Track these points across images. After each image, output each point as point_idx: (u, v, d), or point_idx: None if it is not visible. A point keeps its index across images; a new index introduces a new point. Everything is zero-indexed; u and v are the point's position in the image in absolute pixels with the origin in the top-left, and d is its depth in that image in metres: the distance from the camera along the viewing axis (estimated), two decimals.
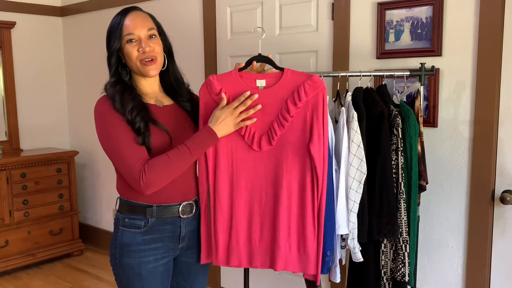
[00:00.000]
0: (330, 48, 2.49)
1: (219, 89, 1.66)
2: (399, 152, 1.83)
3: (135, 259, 1.61)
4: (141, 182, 1.50)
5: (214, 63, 3.01)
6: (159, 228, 1.63)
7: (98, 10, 3.76)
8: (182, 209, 1.66)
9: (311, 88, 1.63)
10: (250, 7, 2.79)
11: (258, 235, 1.72)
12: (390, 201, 1.82)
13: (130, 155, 1.52)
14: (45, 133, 4.13)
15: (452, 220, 2.18)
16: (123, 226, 1.64)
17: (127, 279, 1.64)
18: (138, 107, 1.55)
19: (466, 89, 2.08)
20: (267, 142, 1.67)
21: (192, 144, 1.55)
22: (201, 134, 1.58)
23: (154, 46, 1.60)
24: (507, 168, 2.04)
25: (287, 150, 1.67)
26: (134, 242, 1.61)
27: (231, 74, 1.69)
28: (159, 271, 1.64)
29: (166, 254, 1.66)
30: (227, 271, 3.17)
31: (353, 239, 1.83)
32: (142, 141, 1.53)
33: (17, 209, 3.56)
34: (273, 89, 1.66)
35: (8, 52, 3.81)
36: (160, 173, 1.51)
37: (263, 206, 1.71)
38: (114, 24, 1.60)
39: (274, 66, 1.71)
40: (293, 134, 1.66)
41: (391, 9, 2.23)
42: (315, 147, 1.64)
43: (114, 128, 1.54)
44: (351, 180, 1.78)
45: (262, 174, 1.70)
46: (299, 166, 1.67)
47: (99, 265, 3.75)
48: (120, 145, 1.53)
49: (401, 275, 1.86)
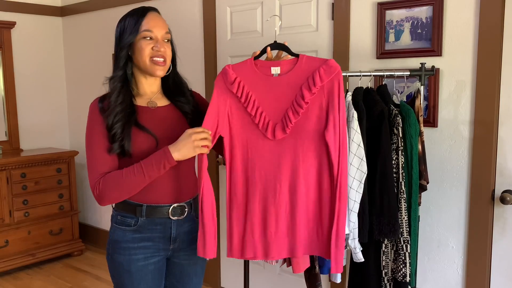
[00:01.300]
0: (330, 48, 2.49)
1: (234, 78, 1.65)
2: (399, 151, 1.83)
3: (125, 256, 1.64)
4: (95, 193, 1.56)
5: (214, 63, 3.01)
6: (149, 228, 1.64)
7: (98, 10, 3.76)
8: (172, 211, 1.65)
9: (326, 73, 1.60)
10: (250, 7, 2.79)
11: (274, 227, 1.68)
12: (391, 200, 1.82)
13: (95, 164, 1.57)
14: (45, 133, 4.14)
15: (452, 220, 2.18)
16: (116, 223, 1.68)
17: (118, 276, 1.68)
18: (124, 112, 1.57)
19: (466, 89, 2.08)
20: (281, 130, 1.64)
21: (146, 164, 1.53)
22: (157, 154, 1.54)
23: (167, 49, 1.63)
24: (507, 168, 2.04)
25: (303, 138, 1.64)
26: (124, 240, 1.64)
27: (246, 63, 1.68)
28: (149, 270, 1.66)
29: (157, 253, 1.67)
30: (227, 271, 3.17)
31: (354, 239, 1.83)
32: (118, 147, 1.55)
33: (17, 209, 3.56)
34: (288, 76, 1.64)
35: (8, 52, 3.81)
36: (112, 189, 1.54)
37: (277, 197, 1.67)
38: (131, 20, 1.61)
39: (289, 52, 1.70)
40: (309, 121, 1.63)
41: (391, 9, 2.23)
42: (330, 134, 1.61)
43: (94, 133, 1.58)
44: (352, 179, 1.78)
45: (276, 164, 1.66)
46: (315, 154, 1.64)
47: (99, 265, 3.75)
48: (93, 151, 1.58)
49: (402, 275, 1.86)
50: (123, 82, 1.62)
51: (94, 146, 1.57)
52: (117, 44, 1.64)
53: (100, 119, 1.58)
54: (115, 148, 1.55)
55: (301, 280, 2.29)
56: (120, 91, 1.60)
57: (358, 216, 1.82)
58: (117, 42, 1.64)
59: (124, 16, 1.65)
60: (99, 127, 1.57)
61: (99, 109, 1.59)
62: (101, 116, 1.58)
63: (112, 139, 1.55)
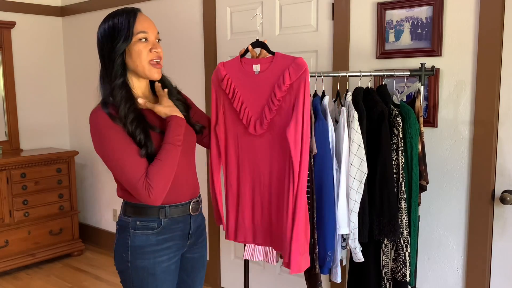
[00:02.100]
0: (330, 48, 2.49)
1: (224, 75, 1.76)
2: (399, 152, 1.84)
3: (149, 260, 1.61)
4: (151, 196, 1.49)
5: (214, 63, 3.01)
6: (171, 227, 1.65)
7: (98, 10, 3.76)
8: (192, 206, 1.69)
9: (295, 71, 1.65)
10: (250, 7, 2.79)
11: (260, 215, 1.82)
12: (391, 200, 1.82)
13: (132, 171, 1.49)
14: (45, 133, 4.13)
15: (452, 220, 2.18)
16: (135, 229, 1.62)
17: (140, 281, 1.63)
18: (137, 118, 1.53)
19: (466, 89, 2.08)
20: (260, 125, 1.73)
21: (171, 138, 1.55)
22: (172, 125, 1.57)
23: (161, 50, 1.61)
24: (507, 168, 2.04)
25: (277, 133, 1.72)
26: (148, 244, 1.61)
27: (234, 60, 1.78)
28: (171, 270, 1.67)
29: (177, 252, 1.69)
30: (227, 271, 3.17)
31: (354, 239, 1.83)
32: (145, 152, 1.52)
33: (17, 209, 3.56)
34: (266, 73, 1.71)
35: (8, 52, 3.81)
36: (162, 180, 1.51)
37: (262, 188, 1.79)
38: (120, 23, 1.55)
39: (267, 50, 1.77)
40: (282, 118, 1.70)
41: (391, 9, 2.23)
42: (291, 131, 1.64)
43: (115, 142, 1.51)
44: (352, 179, 1.78)
45: (260, 157, 1.77)
46: (283, 150, 1.71)
47: (99, 265, 3.75)
48: (124, 160, 1.50)
49: (402, 275, 1.86)
50: (126, 90, 1.56)
51: (124, 153, 1.50)
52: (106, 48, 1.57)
53: (116, 127, 1.51)
54: (143, 154, 1.52)
55: (301, 280, 2.29)
56: (127, 99, 1.54)
57: (358, 216, 1.82)
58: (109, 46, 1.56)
59: (108, 19, 1.59)
60: (120, 134, 1.51)
61: (109, 117, 1.52)
62: (116, 124, 1.51)
63: (139, 145, 1.52)
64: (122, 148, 1.50)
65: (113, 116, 1.52)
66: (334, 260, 1.87)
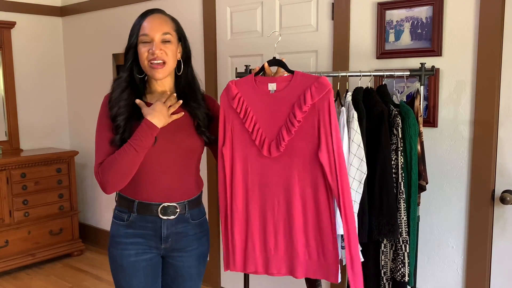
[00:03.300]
0: (330, 48, 2.49)
1: (235, 93, 1.67)
2: (399, 152, 1.83)
3: (117, 250, 1.68)
4: (98, 181, 1.59)
5: (214, 63, 3.01)
6: (141, 224, 1.67)
7: (98, 10, 3.76)
8: (161, 210, 1.66)
9: (317, 91, 1.58)
10: (250, 7, 2.79)
11: (273, 243, 1.72)
12: (390, 201, 1.82)
13: (97, 155, 1.61)
14: (45, 133, 4.13)
15: (452, 220, 2.18)
16: (114, 218, 1.74)
17: (113, 269, 1.73)
18: (127, 106, 1.61)
19: (466, 89, 2.08)
20: (276, 148, 1.64)
21: (134, 140, 1.56)
22: (140, 129, 1.57)
23: (166, 51, 1.61)
24: (507, 168, 2.04)
25: (298, 157, 1.64)
26: (117, 234, 1.69)
27: (247, 79, 1.70)
28: (141, 266, 1.67)
29: (149, 250, 1.69)
30: (227, 271, 3.17)
31: None
32: (119, 140, 1.58)
33: (17, 209, 3.56)
34: (283, 92, 1.64)
35: (8, 52, 3.81)
36: (111, 173, 1.56)
37: (276, 214, 1.70)
38: (136, 21, 1.66)
39: (286, 69, 1.70)
40: (303, 140, 1.62)
41: (391, 9, 2.23)
42: (324, 154, 1.59)
43: (100, 125, 1.64)
44: (352, 180, 1.78)
45: (274, 181, 1.68)
46: (311, 173, 1.64)
47: (99, 265, 3.75)
48: (97, 142, 1.63)
49: (401, 275, 1.86)
50: (128, 83, 1.65)
51: (99, 137, 1.62)
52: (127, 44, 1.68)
53: (107, 113, 1.63)
54: (116, 140, 1.58)
55: (301, 280, 2.29)
56: (125, 89, 1.63)
57: (357, 216, 1.82)
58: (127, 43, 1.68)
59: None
60: (105, 119, 1.62)
61: (107, 103, 1.65)
62: (108, 110, 1.63)
63: (115, 131, 1.59)
64: (101, 131, 1.62)
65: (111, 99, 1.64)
66: None
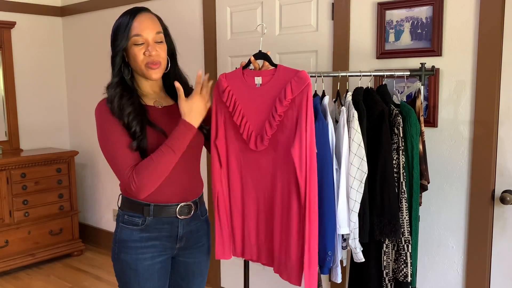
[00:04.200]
0: (330, 48, 2.49)
1: (225, 87, 1.68)
2: (400, 151, 1.83)
3: (131, 255, 1.63)
4: (133, 188, 1.53)
5: (214, 63, 3.01)
6: (157, 227, 1.65)
7: (98, 10, 3.76)
8: (179, 210, 1.67)
9: (297, 85, 1.58)
10: (250, 7, 2.79)
11: (264, 233, 1.75)
12: (391, 200, 1.82)
13: (122, 161, 1.55)
14: (45, 133, 4.13)
15: (452, 220, 2.18)
16: (122, 223, 1.67)
17: (124, 275, 1.67)
18: (136, 111, 1.57)
19: (466, 89, 2.08)
20: (261, 141, 1.66)
21: (172, 142, 1.55)
22: (178, 130, 1.57)
23: (160, 51, 1.61)
24: (507, 168, 2.04)
25: (280, 150, 1.65)
26: (131, 239, 1.64)
27: (236, 72, 1.71)
28: (155, 269, 1.66)
29: (164, 252, 1.68)
30: (227, 271, 3.17)
31: (354, 239, 1.83)
32: (137, 145, 1.55)
33: (17, 209, 3.56)
34: (267, 86, 1.65)
35: (8, 52, 3.81)
36: (148, 177, 1.53)
37: (266, 205, 1.73)
38: (122, 23, 1.59)
39: (270, 62, 1.70)
40: (284, 134, 1.63)
41: (391, 9, 2.23)
42: (296, 150, 1.58)
43: (111, 132, 1.57)
44: (352, 179, 1.78)
45: (263, 173, 1.70)
46: (288, 169, 1.64)
47: (99, 265, 3.75)
48: (115, 150, 1.56)
49: (404, 275, 1.86)
50: (121, 87, 1.61)
51: (116, 144, 1.55)
52: (111, 46, 1.63)
53: (113, 119, 1.56)
54: (134, 146, 1.55)
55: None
56: (122, 94, 1.59)
57: (358, 216, 1.81)
58: (111, 45, 1.63)
59: (119, 17, 1.63)
60: (115, 126, 1.56)
61: (110, 110, 1.58)
62: (113, 117, 1.56)
63: (133, 136, 1.56)
64: (115, 139, 1.56)
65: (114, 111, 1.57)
66: (334, 260, 1.87)
